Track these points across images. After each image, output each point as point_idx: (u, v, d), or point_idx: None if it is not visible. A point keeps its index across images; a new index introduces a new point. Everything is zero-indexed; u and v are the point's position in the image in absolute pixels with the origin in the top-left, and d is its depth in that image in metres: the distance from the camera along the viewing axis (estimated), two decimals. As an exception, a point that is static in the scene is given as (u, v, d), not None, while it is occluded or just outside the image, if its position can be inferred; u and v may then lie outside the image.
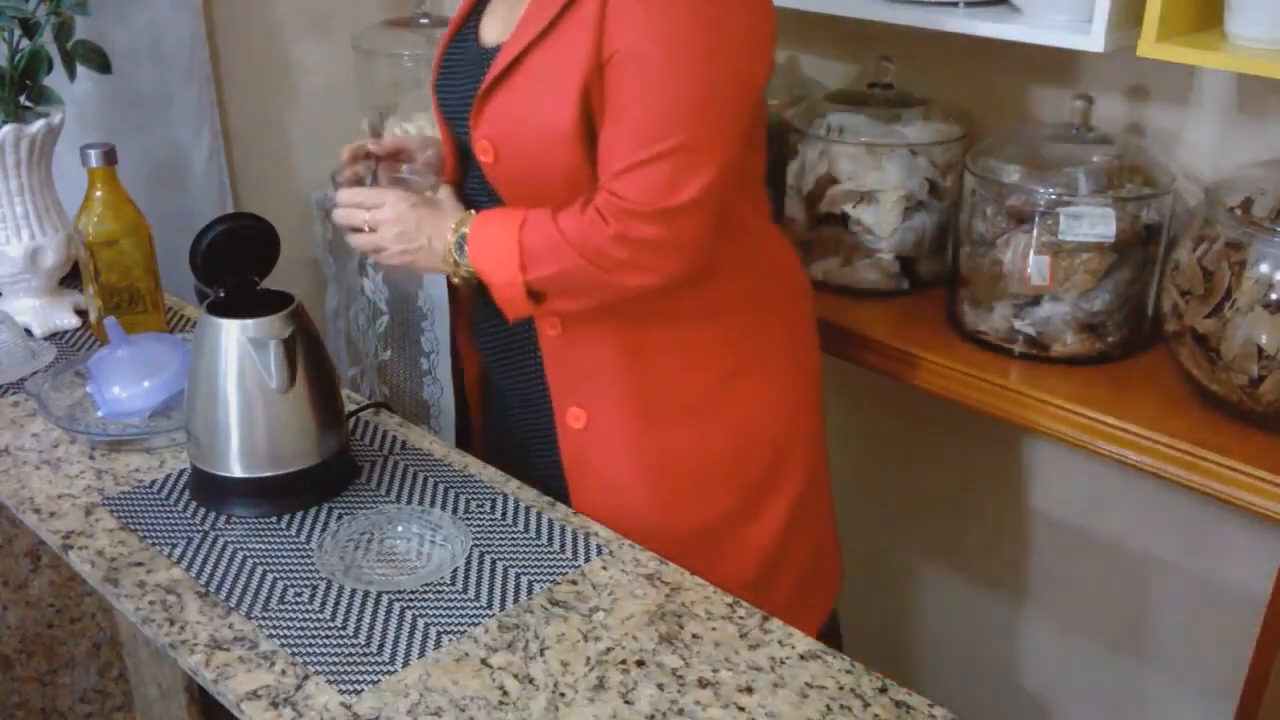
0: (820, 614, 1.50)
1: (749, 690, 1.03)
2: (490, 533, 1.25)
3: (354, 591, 1.16)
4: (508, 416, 1.48)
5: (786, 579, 1.42)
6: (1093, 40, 1.37)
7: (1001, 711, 2.04)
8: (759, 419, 1.36)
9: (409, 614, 1.12)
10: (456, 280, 1.29)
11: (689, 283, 1.24)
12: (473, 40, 1.32)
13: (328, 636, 1.10)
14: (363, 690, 1.03)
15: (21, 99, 1.68)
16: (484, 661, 1.06)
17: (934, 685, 1.99)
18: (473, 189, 1.36)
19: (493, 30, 1.30)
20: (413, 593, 1.15)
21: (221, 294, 1.29)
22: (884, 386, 1.92)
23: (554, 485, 1.37)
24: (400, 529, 1.26)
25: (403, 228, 1.28)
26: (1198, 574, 1.72)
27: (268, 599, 1.15)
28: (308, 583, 1.17)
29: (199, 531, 1.26)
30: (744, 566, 1.37)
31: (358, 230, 1.31)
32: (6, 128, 1.61)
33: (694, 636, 1.09)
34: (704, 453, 1.34)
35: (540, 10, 1.19)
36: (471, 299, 1.44)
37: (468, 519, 1.27)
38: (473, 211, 1.28)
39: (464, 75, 1.31)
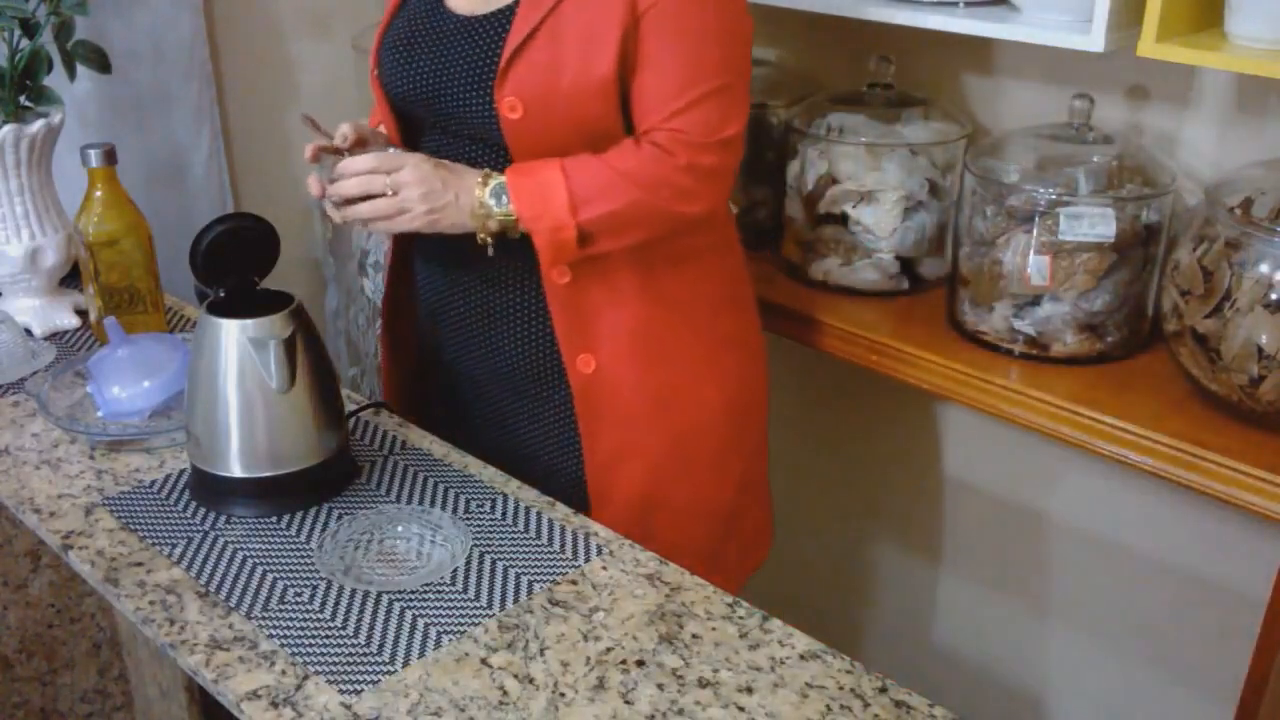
0: (755, 563, 1.60)
1: (749, 690, 1.03)
2: (490, 533, 1.25)
3: (354, 591, 1.16)
4: (479, 378, 1.49)
5: (746, 525, 1.54)
6: (1093, 40, 1.37)
7: (1001, 712, 2.04)
8: (738, 372, 1.47)
9: (409, 614, 1.12)
10: (483, 237, 1.29)
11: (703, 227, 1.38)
12: (445, 14, 1.34)
13: (328, 636, 1.10)
14: (363, 690, 1.03)
15: (21, 99, 1.68)
16: (484, 661, 1.06)
17: (933, 685, 1.99)
18: (433, 148, 1.39)
19: (464, 2, 1.33)
20: (413, 593, 1.15)
21: (222, 294, 1.29)
22: (880, 384, 1.92)
23: (557, 434, 1.43)
24: (400, 529, 1.26)
25: (428, 186, 1.27)
26: (1198, 574, 1.72)
27: (268, 599, 1.15)
28: (308, 583, 1.17)
29: (199, 531, 1.26)
30: (717, 510, 1.47)
31: (373, 197, 1.29)
32: (6, 128, 1.61)
33: (694, 636, 1.09)
34: (699, 391, 1.42)
35: None
36: (435, 273, 1.47)
37: (468, 519, 1.27)
38: (490, 172, 1.30)
39: (453, 47, 1.31)
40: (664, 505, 1.42)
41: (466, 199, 1.28)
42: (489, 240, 1.30)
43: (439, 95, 1.33)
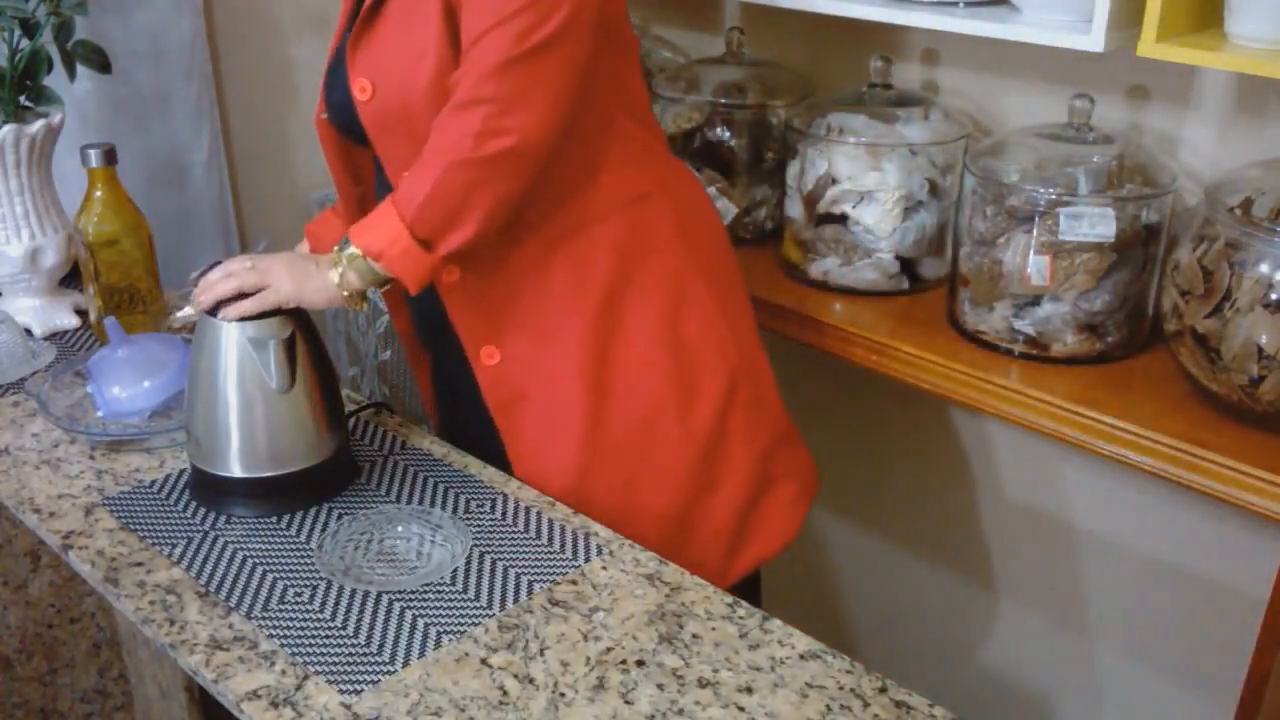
0: (785, 528, 1.48)
1: (749, 690, 1.03)
2: (490, 533, 1.25)
3: (354, 591, 1.16)
4: (459, 391, 1.49)
5: (722, 500, 1.41)
6: (1093, 40, 1.37)
7: (1000, 712, 2.04)
8: (666, 325, 1.36)
9: (409, 614, 1.12)
10: (346, 295, 1.26)
11: (567, 188, 1.30)
12: (355, 12, 1.35)
13: (328, 636, 1.10)
14: (363, 690, 1.03)
15: (21, 99, 1.68)
16: (484, 661, 1.06)
17: (932, 685, 1.99)
18: (383, 188, 1.39)
19: None
20: (413, 593, 1.15)
21: (216, 262, 1.30)
22: (880, 384, 1.92)
23: (490, 430, 1.39)
24: (400, 529, 1.26)
25: (289, 265, 1.27)
26: (1198, 574, 1.72)
27: (268, 599, 1.15)
28: (308, 583, 1.17)
29: (199, 531, 1.26)
30: (674, 486, 1.38)
31: (240, 296, 1.26)
32: (6, 128, 1.61)
33: (694, 636, 1.09)
34: (621, 362, 1.35)
35: None
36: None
37: (468, 519, 1.27)
38: None
39: (339, 61, 1.33)
40: (592, 504, 1.33)
41: (325, 264, 1.27)
42: (358, 302, 1.28)
43: (344, 112, 1.33)
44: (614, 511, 1.33)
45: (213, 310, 1.26)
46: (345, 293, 1.26)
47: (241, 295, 1.26)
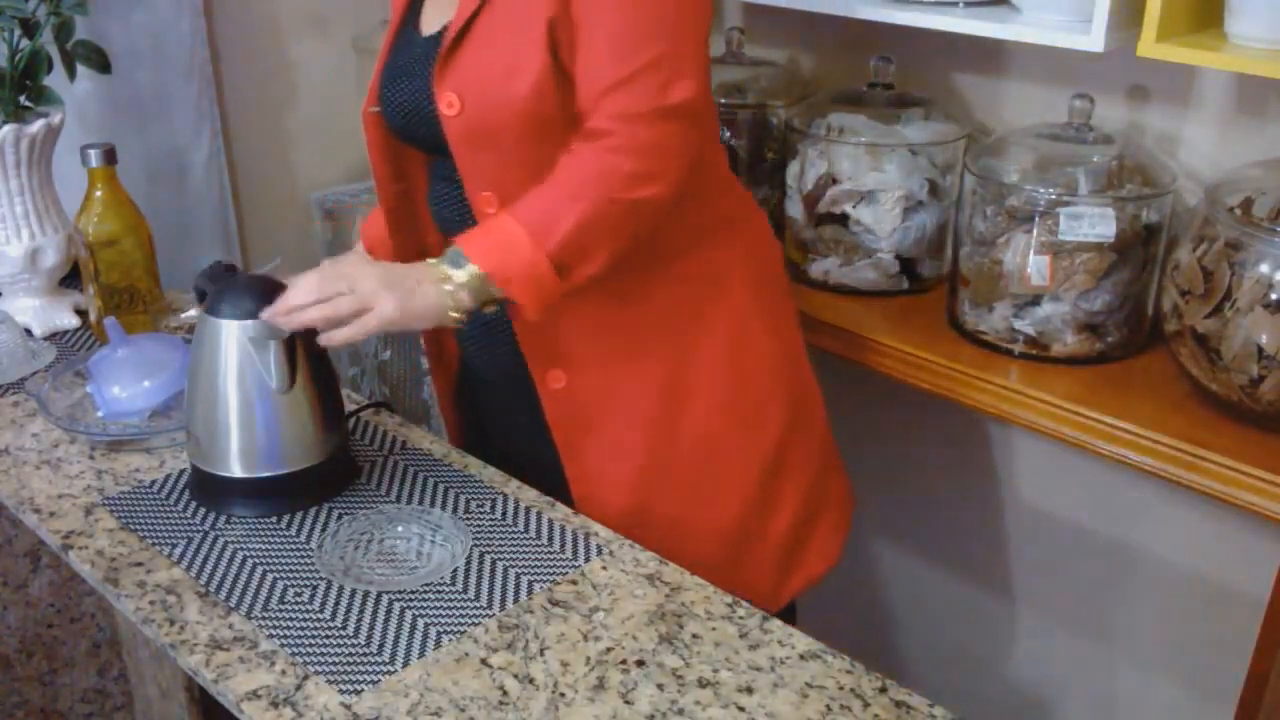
0: (819, 562, 1.48)
1: (749, 690, 1.03)
2: (490, 533, 1.25)
3: (354, 591, 1.16)
4: (486, 396, 1.48)
5: (775, 528, 1.42)
6: (1093, 40, 1.37)
7: (1000, 712, 2.04)
8: (736, 357, 1.36)
9: (409, 614, 1.12)
10: (455, 316, 1.19)
11: (669, 216, 1.27)
12: (413, 36, 1.33)
13: (328, 636, 1.10)
14: (363, 690, 1.03)
15: (21, 99, 1.68)
16: (484, 661, 1.06)
17: (931, 684, 1.99)
18: (438, 190, 1.37)
19: (432, 21, 1.31)
20: (413, 593, 1.15)
21: (218, 262, 1.30)
22: (880, 384, 1.92)
23: (541, 452, 1.38)
24: (400, 529, 1.25)
25: (384, 275, 1.19)
26: (1198, 574, 1.72)
27: (268, 599, 1.15)
28: (308, 583, 1.17)
29: (199, 531, 1.26)
30: (729, 514, 1.39)
31: (336, 322, 1.19)
32: (6, 128, 1.61)
33: (694, 636, 1.09)
34: (690, 391, 1.34)
35: None
36: None
37: (468, 519, 1.27)
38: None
39: (420, 67, 1.29)
40: (651, 523, 1.34)
41: (428, 280, 1.18)
42: (462, 319, 1.20)
43: (415, 120, 1.31)
44: (670, 535, 1.32)
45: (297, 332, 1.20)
46: (454, 313, 1.19)
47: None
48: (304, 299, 1.18)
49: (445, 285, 1.18)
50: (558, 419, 1.35)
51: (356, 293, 1.17)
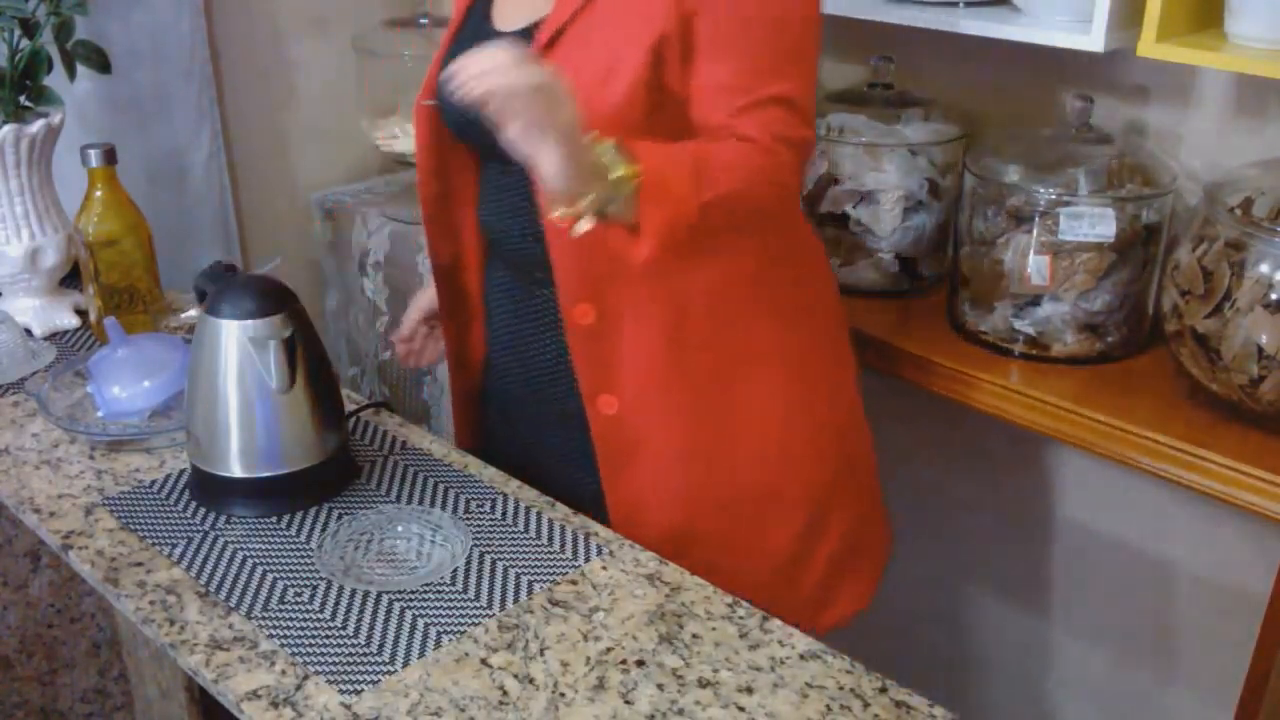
0: (859, 598, 1.48)
1: (749, 690, 1.03)
2: (490, 533, 1.25)
3: (354, 591, 1.16)
4: (515, 411, 1.45)
5: (818, 561, 1.41)
6: (1093, 40, 1.37)
7: (999, 710, 2.04)
8: (795, 393, 1.35)
9: (409, 614, 1.12)
10: (587, 203, 1.05)
11: (722, 244, 1.26)
12: (492, 34, 1.29)
13: (328, 636, 1.10)
14: (363, 690, 1.03)
15: (21, 99, 1.68)
16: (484, 661, 1.06)
17: (930, 683, 1.99)
18: (493, 200, 1.34)
19: (510, 18, 1.28)
20: (413, 593, 1.15)
21: (218, 262, 1.29)
22: (880, 384, 1.92)
23: (576, 473, 1.36)
24: (400, 529, 1.25)
25: (567, 103, 1.03)
26: (1198, 574, 1.72)
27: (268, 599, 1.15)
28: (308, 583, 1.17)
29: (199, 531, 1.26)
30: (776, 547, 1.37)
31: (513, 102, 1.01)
32: (6, 128, 1.61)
33: (694, 636, 1.09)
34: (743, 427, 1.32)
35: None
36: (477, 294, 1.44)
37: (468, 519, 1.27)
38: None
39: None
40: (689, 554, 1.28)
41: (589, 146, 1.05)
42: (579, 216, 1.07)
43: (481, 118, 1.25)
44: (708, 568, 1.26)
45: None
46: (589, 201, 1.06)
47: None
48: (507, 57, 1.00)
49: (595, 161, 1.06)
50: (605, 444, 1.32)
51: (543, 84, 1.00)
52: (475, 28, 1.33)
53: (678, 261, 1.21)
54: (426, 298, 1.56)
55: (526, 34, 1.24)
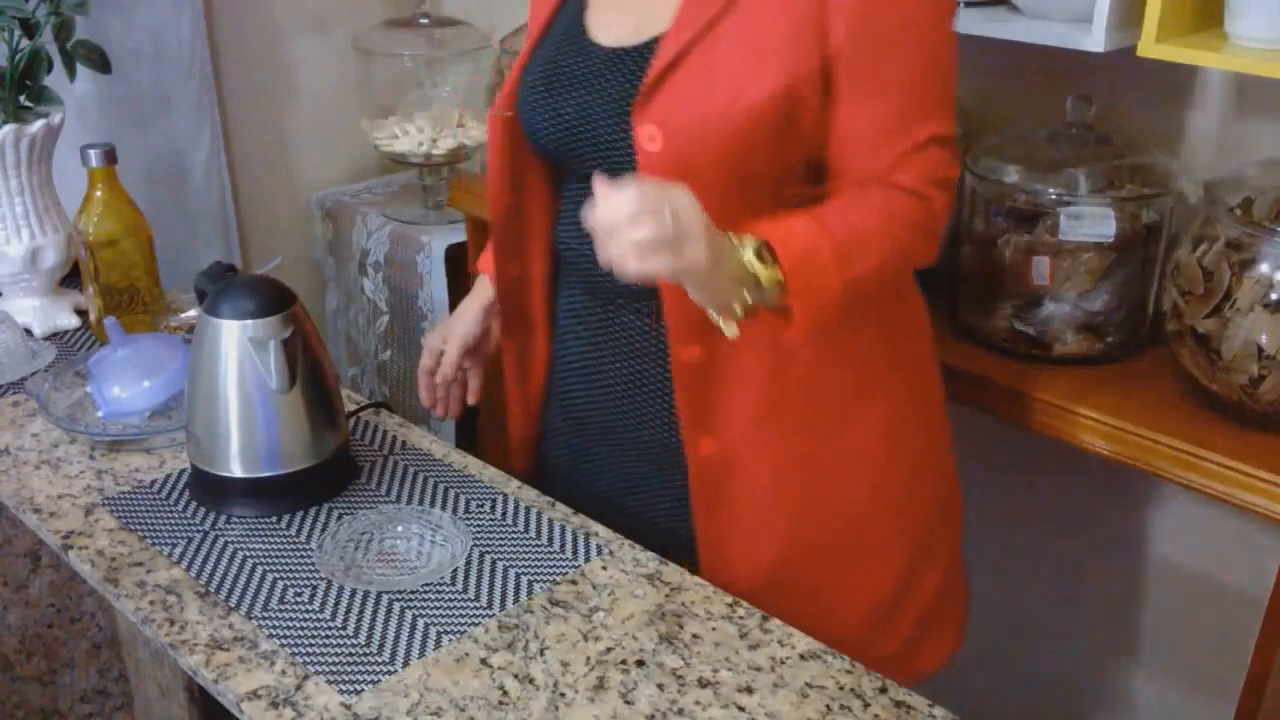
0: (946, 648, 1.44)
1: (749, 690, 1.03)
2: (490, 533, 1.25)
3: (354, 591, 1.16)
4: (596, 452, 1.38)
5: (911, 612, 1.37)
6: (1093, 40, 1.37)
7: (999, 709, 2.04)
8: (896, 438, 1.30)
9: (409, 614, 1.12)
10: (737, 307, 1.06)
11: None
12: (591, 47, 1.22)
13: (328, 636, 1.10)
14: (363, 690, 1.03)
15: (21, 99, 1.68)
16: (484, 661, 1.06)
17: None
18: (569, 214, 1.28)
19: (614, 32, 1.21)
20: (413, 593, 1.15)
21: (218, 262, 1.29)
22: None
23: (666, 507, 1.32)
24: (400, 529, 1.26)
25: (705, 225, 1.02)
26: (1198, 574, 1.72)
27: (268, 599, 1.15)
28: (308, 583, 1.17)
29: (199, 531, 1.26)
30: (869, 599, 1.33)
31: (650, 245, 1.00)
32: (6, 128, 1.61)
33: (694, 636, 1.09)
34: (842, 473, 1.28)
35: None
36: (541, 314, 1.37)
37: (468, 519, 1.27)
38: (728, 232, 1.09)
39: (598, 81, 1.20)
40: (778, 600, 1.21)
41: (731, 255, 1.05)
42: (736, 318, 1.07)
43: (578, 134, 1.21)
44: (801, 612, 1.20)
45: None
46: (737, 304, 1.06)
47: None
48: (626, 209, 0.98)
49: (744, 274, 1.06)
50: (700, 486, 1.27)
51: (680, 220, 1.00)
52: (566, 35, 1.26)
53: None
54: (463, 327, 1.47)
55: (637, 52, 1.18)
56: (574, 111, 1.21)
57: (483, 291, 1.46)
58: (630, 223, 0.98)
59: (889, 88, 1.13)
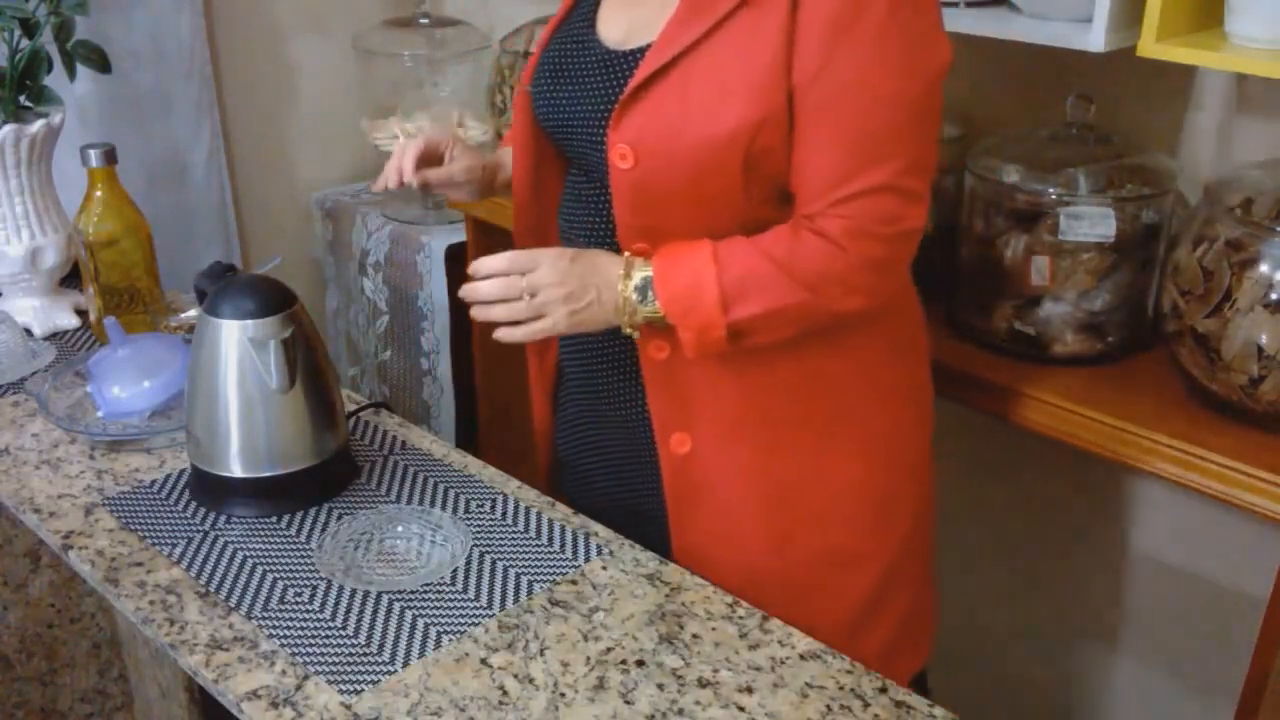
0: (916, 659, 1.45)
1: (749, 690, 1.03)
2: (490, 533, 1.25)
3: (354, 591, 1.16)
4: (593, 439, 1.40)
5: (886, 622, 1.36)
6: (1093, 40, 1.37)
7: (998, 709, 2.04)
8: (881, 447, 1.31)
9: (409, 614, 1.12)
10: (629, 330, 1.20)
11: None
12: (594, 42, 1.24)
13: (328, 636, 1.10)
14: (363, 690, 1.03)
15: (21, 99, 1.68)
16: (484, 661, 1.06)
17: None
18: (569, 206, 1.30)
19: (617, 30, 1.23)
20: (413, 593, 1.15)
21: (218, 262, 1.29)
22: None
23: (649, 510, 1.32)
24: (400, 529, 1.26)
25: (568, 286, 1.17)
26: (1198, 574, 1.72)
27: (268, 599, 1.15)
28: (308, 583, 1.17)
29: (199, 531, 1.26)
30: (845, 607, 1.32)
31: (510, 304, 1.19)
32: (6, 128, 1.61)
33: (694, 636, 1.09)
34: (824, 479, 1.28)
35: (696, 13, 1.13)
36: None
37: (468, 519, 1.27)
38: (632, 256, 1.19)
39: (590, 79, 1.22)
40: (755, 596, 1.22)
41: (609, 295, 1.17)
42: (634, 332, 1.20)
43: (569, 128, 1.24)
44: (791, 604, 1.23)
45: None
46: (627, 330, 1.20)
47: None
48: (491, 290, 1.19)
49: (624, 308, 1.18)
50: (675, 484, 1.28)
51: (536, 299, 1.18)
52: (581, 25, 1.27)
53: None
54: (441, 136, 1.43)
55: (627, 58, 1.19)
56: (567, 106, 1.24)
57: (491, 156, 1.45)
58: (498, 308, 1.18)
59: (840, 131, 1.12)
